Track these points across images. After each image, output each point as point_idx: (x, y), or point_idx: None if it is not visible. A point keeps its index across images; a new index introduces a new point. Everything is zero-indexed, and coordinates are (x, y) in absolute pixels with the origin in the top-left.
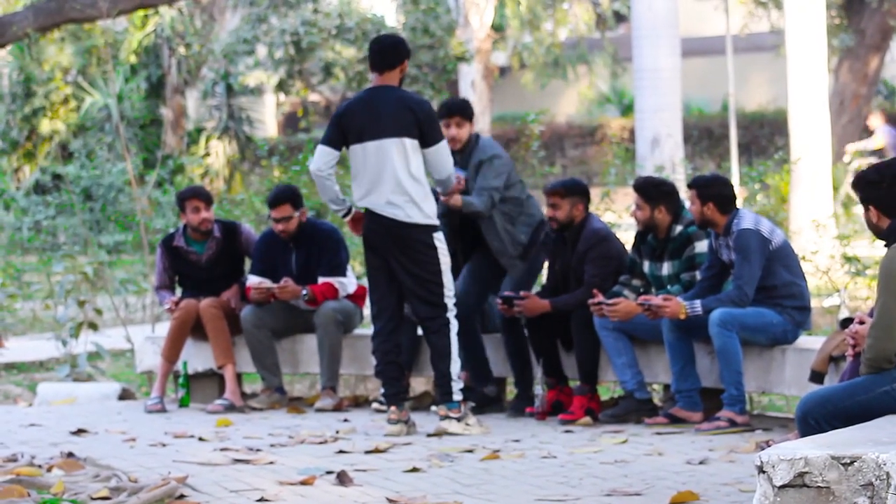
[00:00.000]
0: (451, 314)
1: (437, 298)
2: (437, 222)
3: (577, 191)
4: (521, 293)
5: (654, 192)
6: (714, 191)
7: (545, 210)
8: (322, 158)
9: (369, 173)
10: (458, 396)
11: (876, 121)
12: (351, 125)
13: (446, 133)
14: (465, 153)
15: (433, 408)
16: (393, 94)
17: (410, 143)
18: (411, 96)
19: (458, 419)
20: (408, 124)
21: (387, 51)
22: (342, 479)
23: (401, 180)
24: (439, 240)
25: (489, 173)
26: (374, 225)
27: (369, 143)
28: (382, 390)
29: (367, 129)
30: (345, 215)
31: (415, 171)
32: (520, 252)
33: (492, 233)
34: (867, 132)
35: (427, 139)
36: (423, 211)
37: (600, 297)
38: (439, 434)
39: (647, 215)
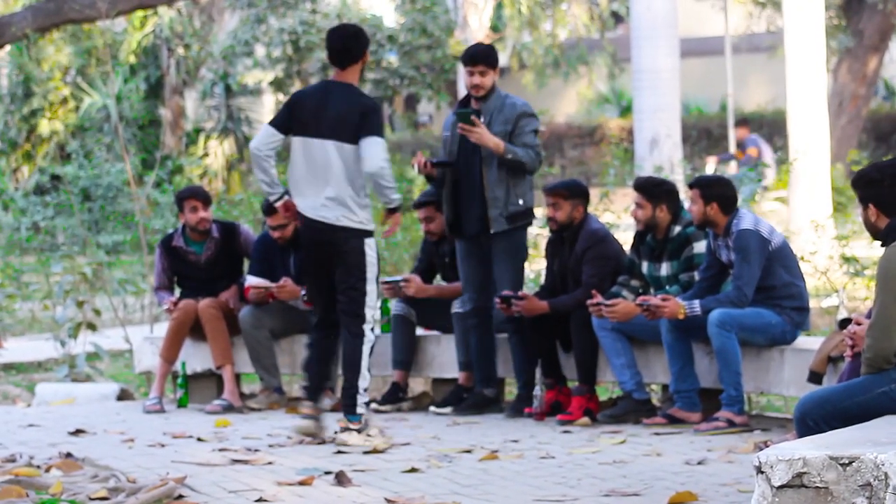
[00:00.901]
0: (368, 327)
1: (358, 308)
2: (370, 228)
3: (578, 192)
4: (520, 293)
5: (656, 190)
6: (717, 191)
7: (546, 210)
8: (264, 138)
9: (306, 170)
10: (361, 410)
11: (743, 133)
12: (299, 115)
13: (468, 81)
14: (488, 101)
15: (337, 420)
16: (347, 94)
17: (352, 149)
18: (364, 98)
19: (359, 430)
20: (354, 128)
21: (349, 45)
22: (341, 479)
23: (337, 183)
24: (370, 247)
25: (532, 132)
26: (306, 228)
27: (312, 139)
28: (304, 383)
29: (312, 125)
30: (276, 200)
31: (354, 176)
32: (510, 214)
33: (494, 180)
34: (870, 132)
35: (362, 131)
36: (358, 216)
37: (599, 298)
38: (339, 446)
39: (649, 214)
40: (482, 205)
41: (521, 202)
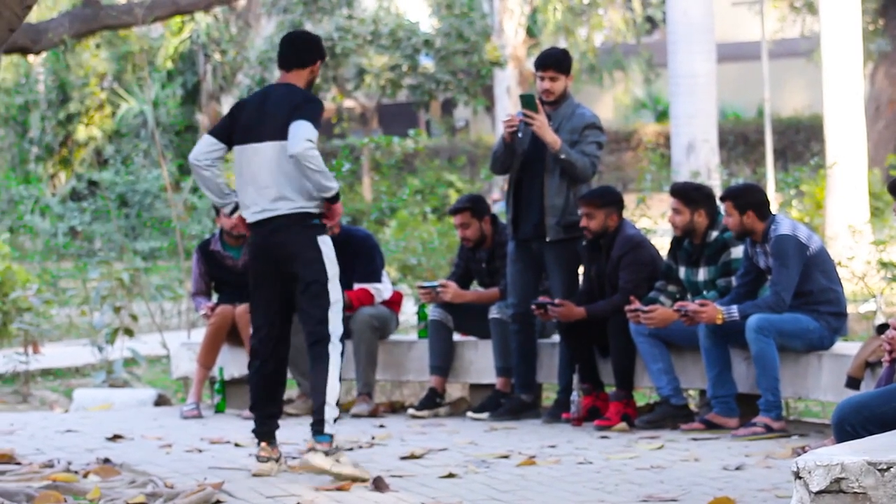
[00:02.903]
0: (335, 349)
1: (322, 327)
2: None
3: (611, 201)
4: (556, 300)
5: (694, 195)
6: (750, 199)
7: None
8: (202, 147)
9: (248, 178)
10: (330, 428)
11: None
12: (241, 122)
13: (539, 86)
14: (559, 108)
15: (306, 440)
16: (286, 92)
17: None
18: (302, 92)
19: (327, 453)
20: (288, 122)
21: (296, 49)
22: (378, 485)
23: (280, 184)
24: (325, 244)
25: (594, 143)
26: (253, 237)
27: (252, 145)
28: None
29: (252, 130)
30: (231, 211)
31: (298, 174)
32: (567, 223)
33: (554, 189)
34: None
35: (292, 117)
36: (305, 206)
37: (637, 304)
38: (304, 467)
39: (687, 219)
40: (540, 211)
41: (579, 212)
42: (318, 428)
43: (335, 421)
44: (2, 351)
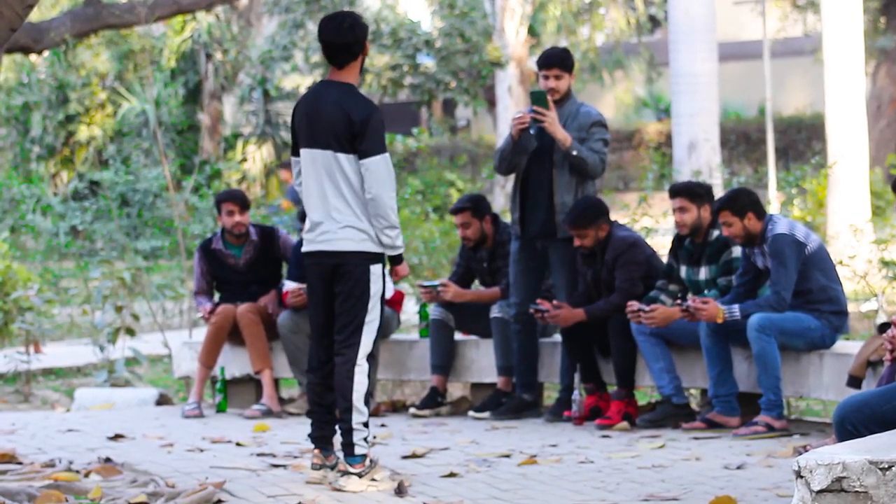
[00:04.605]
0: (362, 356)
1: (352, 335)
2: (378, 250)
3: (597, 215)
4: (555, 303)
5: (698, 190)
6: (744, 200)
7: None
8: (294, 172)
9: (308, 188)
10: (361, 449)
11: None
12: (297, 124)
13: (544, 85)
14: (563, 106)
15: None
16: (337, 94)
17: (345, 159)
18: (353, 99)
19: (360, 475)
20: (341, 135)
21: (347, 40)
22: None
23: (333, 202)
24: (376, 275)
25: (601, 140)
26: (310, 259)
27: (311, 150)
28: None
29: (308, 133)
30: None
31: (350, 192)
32: None
33: (564, 186)
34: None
35: (362, 150)
36: (363, 234)
37: (638, 304)
38: (337, 492)
39: (695, 216)
40: (548, 209)
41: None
42: (347, 451)
43: (366, 440)
44: (3, 350)
